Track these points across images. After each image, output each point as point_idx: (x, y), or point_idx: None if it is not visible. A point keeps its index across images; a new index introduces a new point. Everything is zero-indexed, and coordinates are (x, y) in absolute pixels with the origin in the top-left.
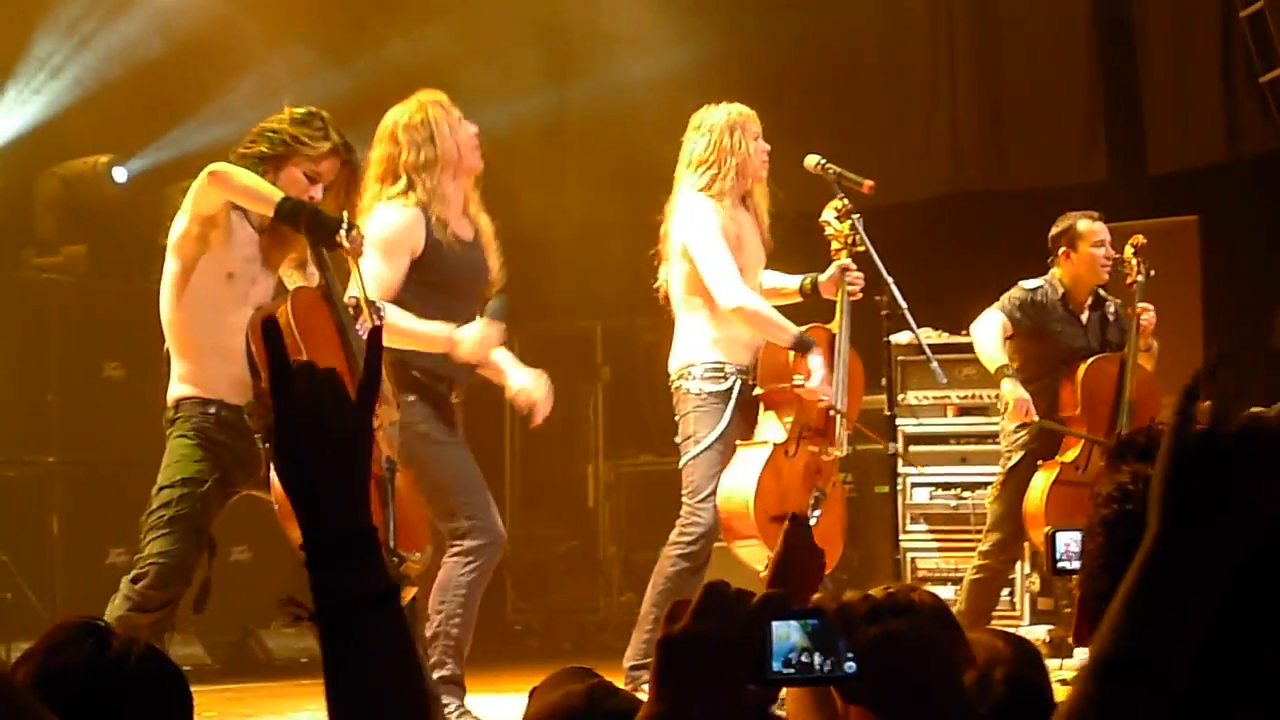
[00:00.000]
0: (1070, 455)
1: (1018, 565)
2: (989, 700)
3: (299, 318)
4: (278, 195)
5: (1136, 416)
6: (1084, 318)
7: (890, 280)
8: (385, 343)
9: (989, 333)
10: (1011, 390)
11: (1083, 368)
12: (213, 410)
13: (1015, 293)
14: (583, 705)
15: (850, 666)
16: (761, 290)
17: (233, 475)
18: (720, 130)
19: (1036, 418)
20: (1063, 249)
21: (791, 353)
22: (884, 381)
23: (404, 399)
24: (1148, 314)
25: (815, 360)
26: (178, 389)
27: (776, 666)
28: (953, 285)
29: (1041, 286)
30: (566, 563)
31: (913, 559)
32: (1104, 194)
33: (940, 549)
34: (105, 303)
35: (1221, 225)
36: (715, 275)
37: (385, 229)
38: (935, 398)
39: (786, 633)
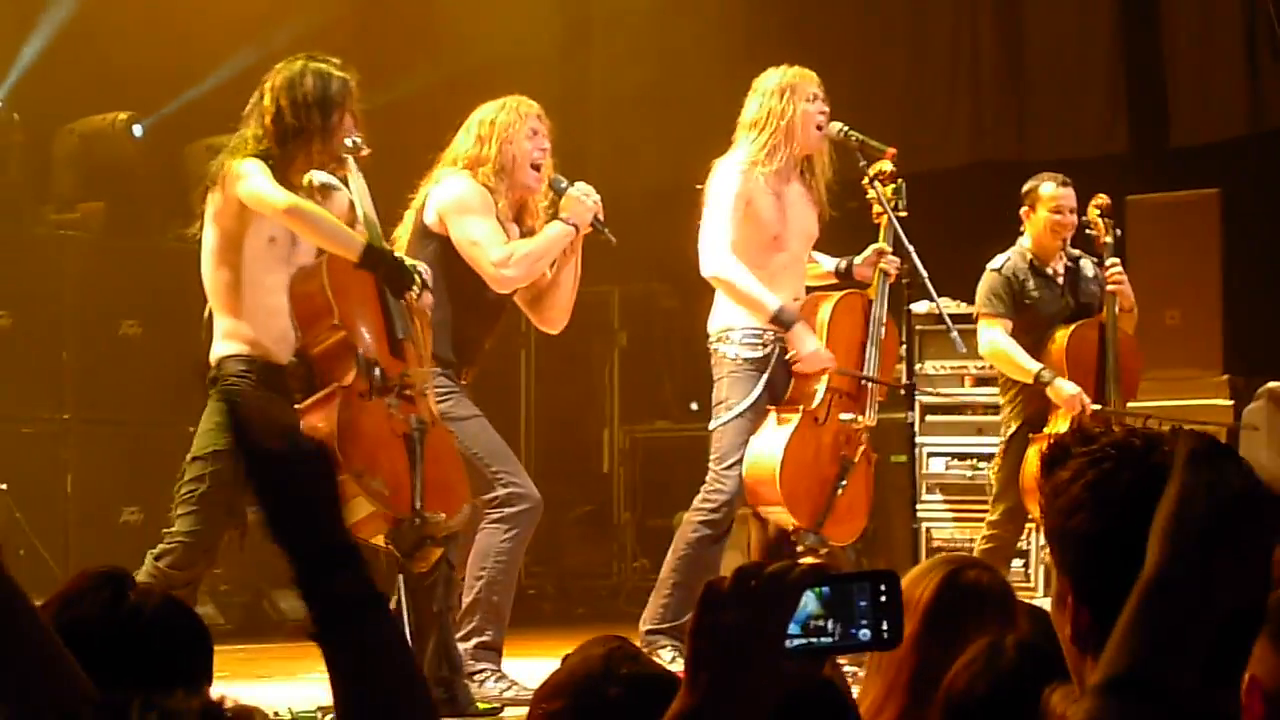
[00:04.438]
0: (1059, 426)
1: (1034, 537)
2: (998, 667)
3: (334, 278)
4: (359, 243)
5: (1122, 381)
6: (1059, 277)
7: (911, 249)
8: (529, 278)
9: (1006, 343)
10: (1055, 395)
11: (1063, 335)
12: (255, 369)
13: (987, 285)
14: (600, 669)
15: (865, 634)
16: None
17: None
18: (771, 93)
19: (1095, 405)
20: (1025, 207)
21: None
22: (903, 350)
23: None
24: (1116, 272)
25: (799, 339)
26: (222, 347)
27: (794, 629)
28: (973, 255)
29: (1008, 259)
30: (580, 528)
31: (928, 529)
32: (1125, 166)
33: (955, 519)
34: (122, 260)
35: (1242, 198)
36: (704, 239)
37: (468, 191)
38: (953, 368)
39: (803, 601)
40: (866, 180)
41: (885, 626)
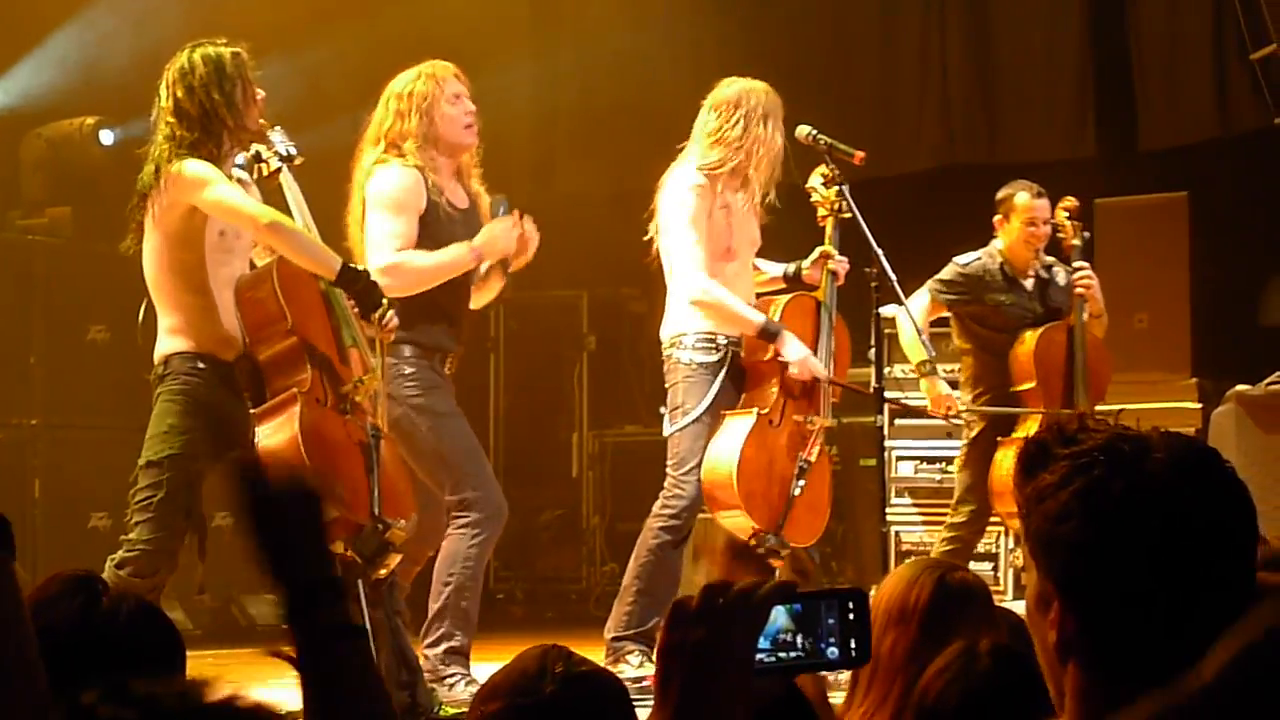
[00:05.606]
0: (1030, 429)
1: (1002, 540)
2: (975, 672)
3: (284, 283)
4: (337, 262)
5: (1091, 384)
6: (1028, 284)
7: (880, 252)
8: (407, 291)
9: (908, 323)
10: (928, 387)
11: (1031, 338)
12: (203, 366)
13: (945, 270)
14: (536, 669)
15: (833, 652)
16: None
17: (224, 436)
18: (756, 119)
19: (962, 407)
20: (999, 216)
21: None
22: (871, 354)
23: (400, 372)
24: (1084, 276)
25: (788, 347)
26: (167, 343)
27: (764, 644)
28: (943, 259)
29: (978, 259)
30: (550, 532)
31: (897, 533)
32: (1094, 169)
33: (924, 523)
34: (90, 265)
35: (1211, 202)
36: (681, 265)
37: (392, 186)
38: None
39: (773, 615)
40: (814, 183)
41: (853, 644)
